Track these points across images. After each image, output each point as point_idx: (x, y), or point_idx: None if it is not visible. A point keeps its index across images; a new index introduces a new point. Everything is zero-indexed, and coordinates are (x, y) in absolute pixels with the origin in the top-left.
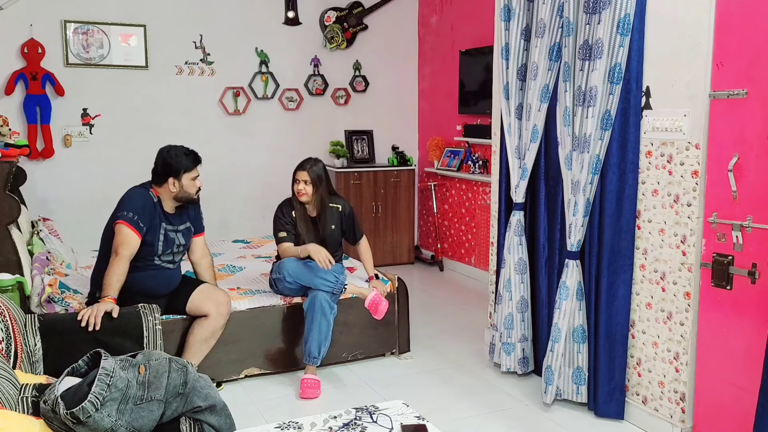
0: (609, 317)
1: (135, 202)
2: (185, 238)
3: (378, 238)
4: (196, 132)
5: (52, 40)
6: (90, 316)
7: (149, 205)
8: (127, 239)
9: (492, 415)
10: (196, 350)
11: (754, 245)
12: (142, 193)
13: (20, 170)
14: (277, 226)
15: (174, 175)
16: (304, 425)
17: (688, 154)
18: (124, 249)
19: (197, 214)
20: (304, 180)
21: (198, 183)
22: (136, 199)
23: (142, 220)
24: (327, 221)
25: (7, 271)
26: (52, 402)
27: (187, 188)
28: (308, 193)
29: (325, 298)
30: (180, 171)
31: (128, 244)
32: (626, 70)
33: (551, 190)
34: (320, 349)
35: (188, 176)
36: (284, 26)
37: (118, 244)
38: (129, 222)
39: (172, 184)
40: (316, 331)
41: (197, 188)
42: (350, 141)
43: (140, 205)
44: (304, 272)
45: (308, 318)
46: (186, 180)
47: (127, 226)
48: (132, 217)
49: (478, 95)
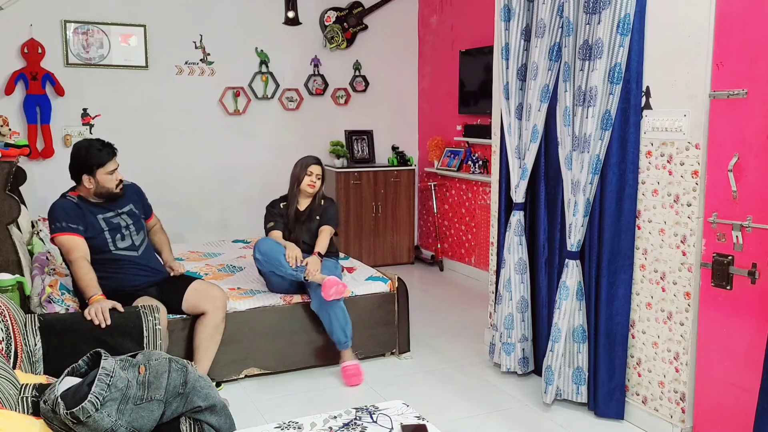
0: (609, 317)
1: (57, 213)
2: (132, 218)
3: (378, 238)
4: (196, 132)
5: (52, 40)
6: (97, 312)
7: (71, 208)
8: (69, 244)
9: (492, 415)
10: (204, 348)
11: (754, 245)
12: (60, 203)
13: (20, 170)
14: (266, 219)
15: (87, 171)
16: (304, 425)
17: (688, 154)
18: (73, 253)
19: (140, 197)
20: (317, 174)
21: (117, 176)
22: (56, 210)
23: (74, 222)
24: (312, 216)
25: (7, 271)
26: (52, 402)
27: (104, 183)
28: (317, 186)
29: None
30: (92, 167)
31: (75, 248)
32: (626, 70)
33: (551, 190)
34: (346, 333)
35: (103, 171)
36: (284, 26)
37: (66, 253)
38: (62, 231)
39: (88, 181)
40: (335, 320)
41: (116, 182)
42: (350, 141)
43: (62, 213)
44: (273, 254)
45: (323, 314)
46: (101, 175)
47: (63, 235)
48: (63, 226)
49: (478, 95)
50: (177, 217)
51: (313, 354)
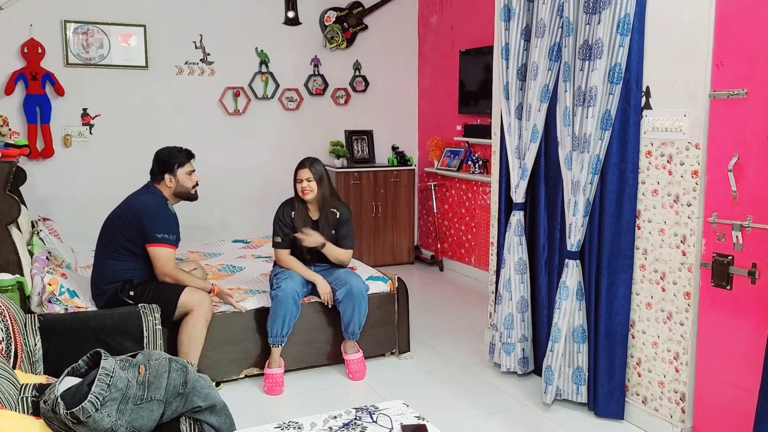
0: (609, 317)
1: (170, 222)
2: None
3: (378, 238)
4: (196, 132)
5: (52, 40)
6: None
7: (174, 216)
8: (171, 257)
9: (492, 415)
10: (189, 340)
11: (754, 245)
12: (165, 207)
13: (20, 170)
14: (275, 230)
15: (169, 170)
16: (304, 425)
17: (688, 154)
18: (171, 265)
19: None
20: (306, 178)
21: (194, 177)
22: (167, 217)
23: (176, 235)
24: (326, 226)
25: (7, 271)
26: (52, 402)
27: (183, 183)
28: (313, 189)
29: (360, 286)
30: (174, 166)
31: (173, 259)
32: (626, 70)
33: (551, 190)
34: (360, 326)
35: (183, 171)
36: (284, 26)
37: (165, 265)
38: (171, 244)
39: (169, 180)
40: (357, 314)
41: (194, 183)
42: (350, 141)
43: (174, 222)
44: (287, 301)
45: (347, 306)
46: (181, 174)
47: (170, 247)
48: (173, 239)
49: (478, 95)
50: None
51: (313, 354)
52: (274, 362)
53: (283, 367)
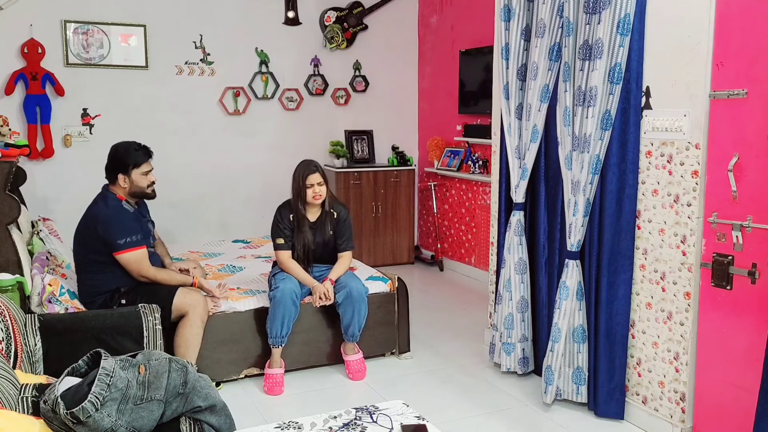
0: (609, 317)
1: (127, 224)
2: (152, 227)
3: (378, 238)
4: (196, 132)
5: (52, 40)
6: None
7: (131, 215)
8: (142, 258)
9: (492, 415)
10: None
11: (754, 245)
12: (119, 210)
13: (20, 170)
14: (275, 231)
15: (123, 170)
16: (304, 425)
17: (688, 154)
18: (144, 267)
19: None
20: (318, 182)
21: (151, 177)
22: (122, 220)
23: (139, 233)
24: (325, 227)
25: (7, 271)
26: (52, 402)
27: (138, 183)
28: (323, 194)
29: (359, 289)
30: (128, 167)
31: (145, 260)
32: (626, 70)
33: (551, 190)
34: (360, 328)
35: (138, 171)
36: (284, 26)
37: (139, 269)
38: (136, 245)
39: (123, 181)
40: (357, 316)
41: (149, 182)
42: (350, 141)
43: (133, 221)
44: (285, 302)
45: (347, 308)
46: (136, 175)
47: (136, 249)
48: (136, 240)
49: (478, 95)
50: (177, 217)
51: (313, 354)
52: (274, 363)
53: (283, 368)
